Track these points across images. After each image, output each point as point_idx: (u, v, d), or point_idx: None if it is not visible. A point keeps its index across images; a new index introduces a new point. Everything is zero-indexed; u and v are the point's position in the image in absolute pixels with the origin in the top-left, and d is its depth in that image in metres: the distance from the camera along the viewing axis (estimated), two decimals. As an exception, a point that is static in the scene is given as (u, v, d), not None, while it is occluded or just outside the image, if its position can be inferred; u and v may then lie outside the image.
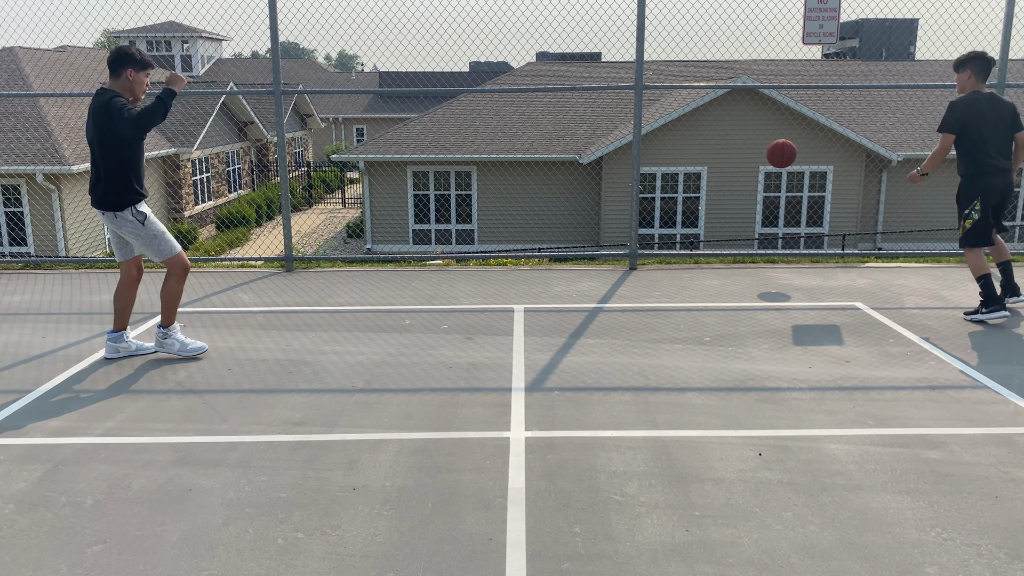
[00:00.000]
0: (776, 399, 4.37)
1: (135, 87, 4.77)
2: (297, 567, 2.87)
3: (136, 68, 4.75)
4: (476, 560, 2.90)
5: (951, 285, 6.83)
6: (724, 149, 18.98)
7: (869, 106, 21.89)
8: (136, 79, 4.76)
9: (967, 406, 4.26)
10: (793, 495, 3.34)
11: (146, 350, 5.17)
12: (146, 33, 42.64)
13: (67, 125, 19.97)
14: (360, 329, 5.68)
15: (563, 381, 4.64)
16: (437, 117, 21.48)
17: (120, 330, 5.11)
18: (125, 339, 5.13)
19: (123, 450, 3.79)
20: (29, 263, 8.17)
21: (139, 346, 5.18)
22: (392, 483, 3.45)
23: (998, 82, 7.24)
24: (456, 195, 20.90)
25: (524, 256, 8.16)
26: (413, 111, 40.11)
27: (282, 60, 22.80)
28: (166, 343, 5.07)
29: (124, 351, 5.12)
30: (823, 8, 7.47)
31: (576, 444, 3.82)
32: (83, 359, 5.10)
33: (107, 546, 3.00)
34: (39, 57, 23.71)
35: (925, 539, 3.02)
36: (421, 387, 4.57)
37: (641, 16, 7.07)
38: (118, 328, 5.11)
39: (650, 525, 3.12)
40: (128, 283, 5.08)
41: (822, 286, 6.80)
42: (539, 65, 24.87)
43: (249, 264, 7.97)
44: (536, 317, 5.95)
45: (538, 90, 7.50)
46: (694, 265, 7.70)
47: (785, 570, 2.84)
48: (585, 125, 21.20)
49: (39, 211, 18.82)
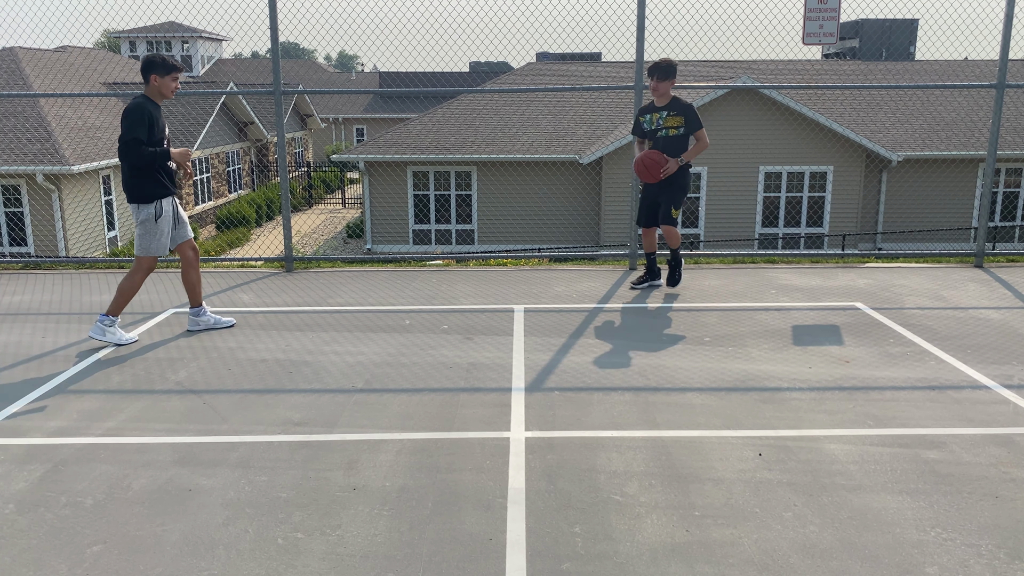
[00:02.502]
0: (776, 399, 4.37)
1: (162, 90, 5.23)
2: (297, 567, 2.87)
3: (160, 73, 5.18)
4: (476, 560, 2.90)
5: (951, 285, 6.83)
6: (724, 149, 18.96)
7: (869, 106, 21.88)
8: (162, 83, 5.21)
9: (967, 406, 4.26)
10: (793, 495, 3.34)
11: (223, 323, 5.72)
12: (146, 33, 42.63)
13: (67, 125, 19.97)
14: (360, 329, 5.68)
15: (563, 381, 4.64)
16: (437, 117, 21.48)
17: (197, 306, 5.66)
18: (204, 313, 5.68)
19: (123, 450, 3.79)
20: (29, 263, 8.17)
21: (217, 319, 5.72)
22: (392, 483, 3.45)
23: (998, 82, 7.25)
24: (456, 195, 20.90)
25: (524, 256, 8.16)
26: (413, 111, 40.08)
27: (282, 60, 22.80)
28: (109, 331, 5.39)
29: (204, 324, 5.68)
30: (823, 8, 7.46)
31: (576, 444, 3.82)
32: (83, 359, 5.10)
33: (107, 546, 3.00)
34: (39, 57, 23.71)
35: (925, 539, 3.02)
36: (421, 387, 4.57)
37: (641, 16, 7.07)
38: (194, 305, 5.67)
39: (650, 525, 3.12)
40: (188, 264, 5.57)
41: (822, 286, 6.80)
42: (539, 65, 24.86)
43: (249, 264, 7.97)
44: (536, 317, 5.95)
45: (538, 90, 7.50)
46: (694, 265, 7.69)
47: (785, 570, 2.84)
48: (585, 125, 21.20)
49: (39, 211, 18.82)
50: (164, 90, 5.23)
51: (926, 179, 20.13)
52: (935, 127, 20.83)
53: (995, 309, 6.09)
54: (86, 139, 20.01)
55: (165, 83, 5.21)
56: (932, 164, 19.90)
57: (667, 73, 6.24)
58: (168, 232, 5.38)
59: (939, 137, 20.43)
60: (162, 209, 5.30)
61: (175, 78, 5.26)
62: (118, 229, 21.21)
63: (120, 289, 5.35)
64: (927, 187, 20.18)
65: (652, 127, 6.41)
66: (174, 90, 5.28)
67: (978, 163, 20.11)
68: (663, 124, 6.33)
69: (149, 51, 42.77)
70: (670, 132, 6.32)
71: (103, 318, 5.35)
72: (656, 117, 6.38)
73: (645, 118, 6.49)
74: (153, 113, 5.17)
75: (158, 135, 5.21)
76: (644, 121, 6.50)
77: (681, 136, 6.30)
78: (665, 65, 6.24)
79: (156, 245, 5.34)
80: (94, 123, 21.28)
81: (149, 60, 5.18)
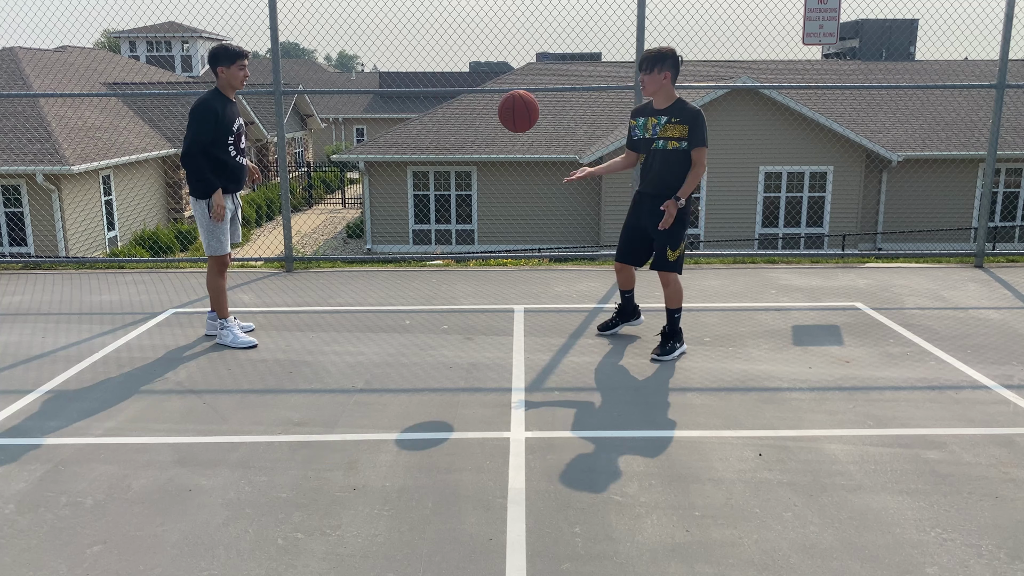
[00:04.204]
0: (776, 399, 4.37)
1: (231, 81, 5.10)
2: (297, 567, 2.87)
3: (225, 64, 5.05)
4: (476, 560, 2.90)
5: (951, 285, 6.83)
6: (724, 149, 18.96)
7: (869, 106, 21.88)
8: (229, 74, 5.08)
9: (967, 406, 4.26)
10: (793, 495, 3.34)
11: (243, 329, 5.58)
12: (146, 33, 42.63)
13: (67, 125, 19.97)
14: (360, 329, 5.68)
15: (563, 381, 4.64)
16: (437, 117, 21.48)
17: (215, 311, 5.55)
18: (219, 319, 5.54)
19: (123, 450, 3.79)
20: (29, 263, 8.17)
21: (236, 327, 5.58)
22: (392, 483, 3.45)
23: (998, 82, 7.25)
24: (456, 195, 20.90)
25: (524, 256, 8.16)
26: (413, 111, 40.06)
27: (282, 60, 22.79)
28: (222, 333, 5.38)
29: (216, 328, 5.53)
30: (823, 8, 7.47)
31: (576, 444, 3.82)
32: (83, 359, 5.10)
33: (107, 546, 3.00)
34: (39, 57, 23.71)
35: (925, 539, 3.02)
36: (421, 387, 4.57)
37: (641, 16, 7.07)
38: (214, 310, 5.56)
39: (650, 525, 3.12)
40: None
41: (822, 286, 6.80)
42: (539, 65, 24.86)
43: (249, 264, 7.97)
44: (536, 317, 5.94)
45: (538, 90, 7.50)
46: (694, 265, 7.69)
47: (785, 570, 2.84)
48: (585, 125, 21.20)
49: (39, 211, 18.82)
50: (233, 81, 5.07)
51: (926, 179, 20.13)
52: (935, 127, 20.83)
53: (995, 309, 6.09)
54: (86, 139, 20.01)
55: (232, 73, 5.04)
56: (932, 164, 19.90)
57: (652, 62, 4.81)
58: (227, 229, 5.28)
59: (939, 137, 20.43)
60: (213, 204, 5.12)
61: (241, 66, 5.06)
62: (118, 229, 21.20)
63: (210, 293, 5.38)
64: (927, 187, 20.17)
65: (646, 134, 4.95)
66: (243, 78, 5.09)
67: (978, 163, 20.11)
68: (660, 133, 4.86)
69: (149, 51, 42.79)
70: (669, 145, 4.83)
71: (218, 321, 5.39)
72: (652, 123, 4.92)
73: (638, 122, 5.02)
74: (218, 109, 5.01)
75: (224, 131, 5.05)
76: (636, 127, 5.03)
77: (682, 152, 4.82)
78: (652, 54, 4.82)
79: (216, 244, 5.24)
80: (94, 123, 21.29)
81: (213, 53, 5.04)
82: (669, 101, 4.89)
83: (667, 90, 4.87)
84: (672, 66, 4.82)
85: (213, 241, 5.27)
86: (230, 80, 5.08)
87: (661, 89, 4.86)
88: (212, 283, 5.37)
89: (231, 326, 5.37)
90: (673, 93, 4.89)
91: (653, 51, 4.81)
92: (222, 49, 5.04)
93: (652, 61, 4.80)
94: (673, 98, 4.89)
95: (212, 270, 5.36)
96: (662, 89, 4.86)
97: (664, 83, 4.83)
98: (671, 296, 5.04)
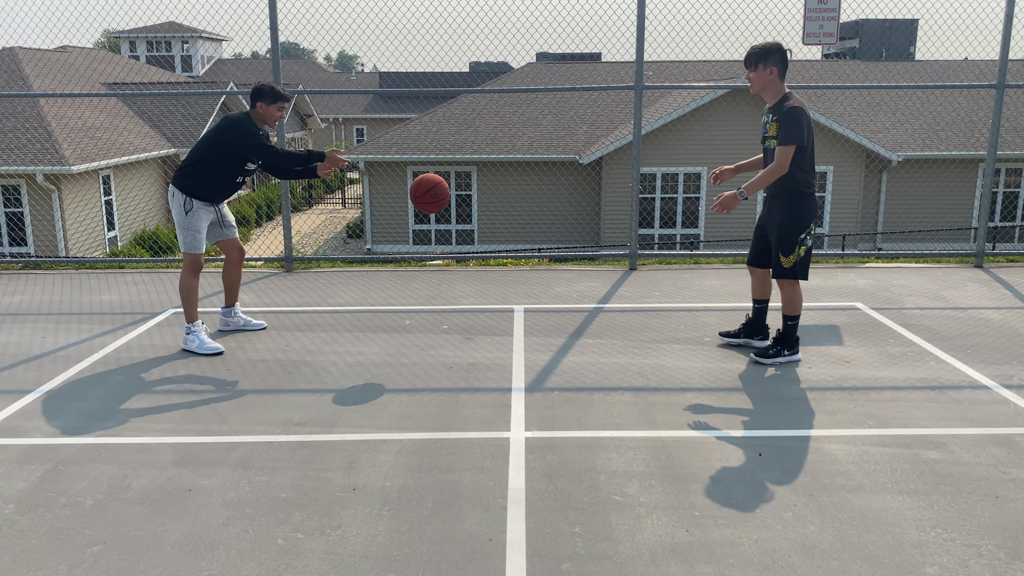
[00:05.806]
0: (776, 399, 4.37)
1: (266, 118, 5.22)
2: (297, 567, 2.87)
3: (267, 102, 5.19)
4: (476, 560, 2.90)
5: (951, 285, 6.83)
6: (724, 149, 18.96)
7: (869, 106, 21.88)
8: (266, 112, 5.20)
9: (967, 406, 4.26)
10: (793, 495, 3.34)
11: (254, 326, 5.70)
12: (146, 33, 42.65)
13: (67, 125, 19.97)
14: (360, 329, 5.68)
15: (563, 381, 4.64)
16: (437, 117, 21.48)
17: (230, 306, 5.65)
18: (235, 314, 5.66)
19: (123, 450, 3.79)
20: (29, 263, 8.17)
21: (247, 321, 5.70)
22: (392, 483, 3.45)
23: (998, 82, 7.25)
24: (456, 195, 20.90)
25: (524, 256, 8.16)
26: (413, 111, 40.08)
27: (282, 60, 22.79)
28: (187, 338, 5.28)
29: (234, 325, 5.66)
30: (823, 8, 7.47)
31: (576, 444, 3.82)
32: (83, 359, 5.10)
33: (107, 546, 3.00)
34: (39, 57, 23.71)
35: (925, 539, 3.02)
36: (421, 387, 4.57)
37: (641, 16, 7.07)
38: (228, 304, 5.65)
39: (650, 525, 3.12)
40: (231, 263, 5.55)
41: (822, 286, 6.80)
42: (539, 65, 24.86)
43: (249, 264, 7.97)
44: (536, 317, 5.94)
45: (538, 90, 7.50)
46: (694, 265, 7.70)
47: (785, 570, 2.84)
48: (585, 125, 21.20)
49: (39, 211, 18.82)
50: (268, 118, 5.20)
51: (926, 179, 20.13)
52: (935, 127, 20.83)
53: (995, 309, 6.09)
54: (86, 139, 20.01)
55: (270, 112, 5.18)
56: (932, 164, 19.90)
57: (757, 59, 4.70)
58: (204, 228, 5.25)
59: (939, 137, 20.43)
60: (192, 204, 5.16)
61: (281, 107, 5.21)
62: (118, 229, 21.21)
63: (180, 293, 5.28)
64: (927, 187, 20.17)
65: (763, 133, 4.87)
66: (277, 119, 5.24)
67: (978, 163, 20.11)
68: (768, 132, 4.79)
69: (149, 51, 42.88)
70: (772, 144, 4.76)
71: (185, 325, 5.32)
72: (764, 121, 4.87)
73: (762, 121, 4.94)
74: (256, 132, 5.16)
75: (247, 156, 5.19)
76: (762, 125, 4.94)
77: None
78: (757, 50, 4.71)
79: (191, 240, 5.19)
80: (94, 123, 21.29)
81: (258, 88, 5.17)
82: (776, 98, 4.75)
83: (774, 86, 4.73)
84: (778, 61, 4.68)
85: (188, 237, 5.20)
86: (265, 117, 5.20)
87: (768, 85, 4.72)
88: (184, 283, 5.24)
89: (198, 331, 5.24)
90: (781, 88, 4.74)
91: (758, 47, 4.69)
92: (269, 88, 5.18)
93: (757, 57, 4.69)
94: (780, 94, 4.74)
95: (186, 269, 5.25)
96: (769, 85, 4.72)
97: (771, 79, 4.69)
98: (784, 303, 4.91)
